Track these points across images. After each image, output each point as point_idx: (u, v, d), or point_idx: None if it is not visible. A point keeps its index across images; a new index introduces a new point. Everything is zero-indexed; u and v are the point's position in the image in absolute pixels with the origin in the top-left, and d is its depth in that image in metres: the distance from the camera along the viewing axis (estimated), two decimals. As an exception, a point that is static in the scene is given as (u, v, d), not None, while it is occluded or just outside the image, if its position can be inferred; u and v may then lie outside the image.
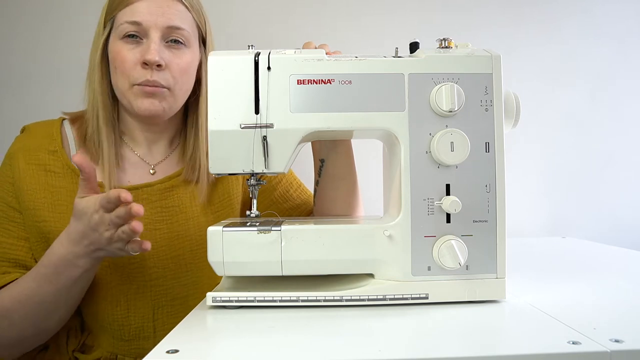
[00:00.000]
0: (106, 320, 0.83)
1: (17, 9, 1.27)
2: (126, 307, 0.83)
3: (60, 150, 0.83)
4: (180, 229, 0.86)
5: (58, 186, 0.82)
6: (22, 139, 0.85)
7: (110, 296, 0.82)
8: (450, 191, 0.64)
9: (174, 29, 0.79)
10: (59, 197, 0.81)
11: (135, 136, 0.88)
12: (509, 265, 0.64)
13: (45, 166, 0.82)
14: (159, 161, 0.89)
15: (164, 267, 0.84)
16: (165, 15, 0.78)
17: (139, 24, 0.78)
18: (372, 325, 0.57)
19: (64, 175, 0.82)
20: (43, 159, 0.82)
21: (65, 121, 0.87)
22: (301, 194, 0.97)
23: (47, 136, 0.84)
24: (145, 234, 0.83)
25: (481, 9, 1.36)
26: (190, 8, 0.82)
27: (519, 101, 0.67)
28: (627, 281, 0.77)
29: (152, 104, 0.80)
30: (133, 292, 0.83)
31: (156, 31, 0.78)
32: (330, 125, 0.65)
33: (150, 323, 0.84)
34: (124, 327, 0.83)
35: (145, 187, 0.85)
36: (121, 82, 0.80)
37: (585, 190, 1.40)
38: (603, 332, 0.52)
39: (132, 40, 0.79)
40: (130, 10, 0.78)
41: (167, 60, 0.79)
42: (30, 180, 0.81)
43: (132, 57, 0.78)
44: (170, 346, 0.49)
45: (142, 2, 0.78)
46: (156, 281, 0.84)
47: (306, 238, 0.64)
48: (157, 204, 0.85)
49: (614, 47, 1.39)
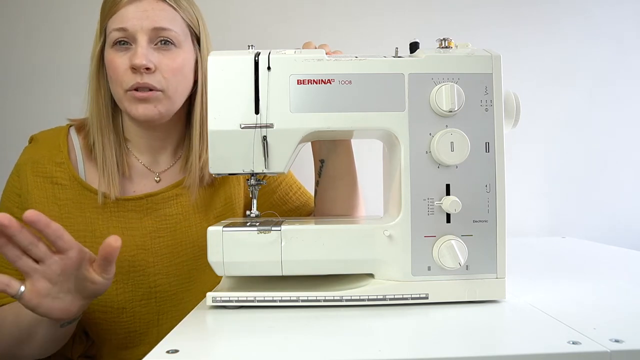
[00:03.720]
0: (111, 328, 0.83)
1: (17, 9, 1.27)
2: (131, 314, 0.83)
3: (67, 161, 0.83)
4: (182, 237, 0.86)
5: (64, 198, 0.82)
6: (29, 150, 0.85)
7: (116, 303, 0.82)
8: (450, 191, 0.64)
9: (160, 30, 0.79)
10: (66, 210, 0.82)
11: (139, 145, 0.88)
12: (509, 265, 0.64)
13: (52, 178, 0.82)
14: (164, 169, 0.89)
15: (167, 273, 0.85)
16: (150, 17, 0.78)
17: (126, 30, 0.78)
18: (372, 325, 0.57)
19: (70, 187, 0.82)
20: (50, 171, 0.82)
21: (71, 129, 0.87)
22: (300, 196, 0.97)
23: (54, 147, 0.84)
24: (149, 242, 0.84)
25: (481, 9, 1.36)
26: (178, 8, 0.81)
27: (519, 101, 0.67)
28: (627, 281, 0.77)
29: (147, 109, 0.79)
30: (138, 299, 0.84)
31: (142, 35, 0.78)
32: (330, 125, 0.65)
33: (154, 329, 0.85)
34: (129, 333, 0.83)
35: (149, 197, 0.85)
36: (115, 89, 0.81)
37: (585, 190, 1.40)
38: (603, 332, 0.52)
39: (122, 47, 0.79)
40: (117, 17, 0.78)
41: (157, 62, 0.79)
42: (38, 193, 0.81)
43: (122, 63, 0.79)
44: (170, 346, 0.49)
45: (127, 7, 0.78)
46: (161, 287, 0.84)
47: (306, 238, 0.64)
48: (160, 213, 0.85)
49: (613, 48, 1.39)
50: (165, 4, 0.80)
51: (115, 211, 0.83)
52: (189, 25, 0.84)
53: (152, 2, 0.79)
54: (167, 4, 0.80)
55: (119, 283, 0.82)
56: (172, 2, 0.81)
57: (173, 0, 0.81)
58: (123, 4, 0.78)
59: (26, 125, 0.87)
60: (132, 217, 0.84)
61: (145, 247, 0.83)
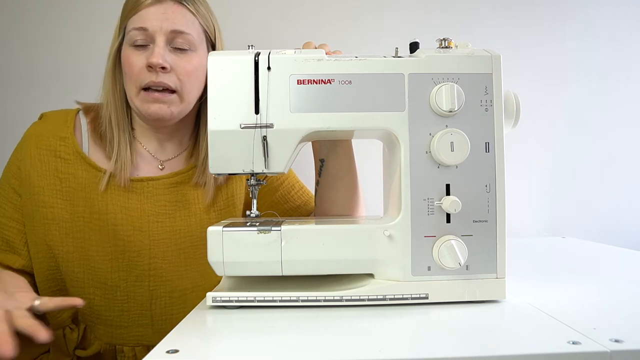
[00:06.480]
0: (105, 306, 0.84)
1: (17, 9, 1.27)
2: (125, 294, 0.85)
3: (71, 136, 0.85)
4: (182, 224, 0.87)
5: (66, 172, 0.84)
6: (36, 124, 0.88)
7: (110, 281, 0.84)
8: (450, 191, 0.64)
9: (178, 33, 0.81)
10: (67, 184, 0.83)
11: (147, 136, 0.89)
12: (509, 265, 0.64)
13: (55, 152, 0.84)
14: (169, 158, 0.91)
15: (163, 258, 0.86)
16: (170, 20, 0.80)
17: (146, 30, 0.80)
18: (372, 325, 0.57)
19: (73, 161, 0.84)
20: (53, 144, 0.84)
21: (80, 111, 0.89)
22: (302, 195, 0.97)
23: (60, 122, 0.86)
24: (147, 225, 0.85)
25: (481, 9, 1.36)
26: (196, 13, 0.84)
27: (519, 101, 0.67)
28: (627, 281, 0.77)
29: (161, 108, 0.81)
30: (132, 280, 0.85)
31: (161, 35, 0.80)
32: (330, 125, 0.65)
33: (147, 312, 0.86)
34: (123, 312, 0.85)
35: (151, 180, 0.87)
36: (129, 87, 0.82)
37: (585, 190, 1.40)
38: (603, 332, 0.52)
39: (140, 47, 0.81)
40: (138, 17, 0.80)
41: (172, 63, 0.81)
42: (40, 166, 0.83)
43: (138, 62, 0.80)
44: (170, 346, 0.50)
45: (149, 8, 0.80)
46: (155, 271, 0.85)
47: (306, 238, 0.64)
48: (161, 198, 0.87)
49: (613, 48, 1.39)
50: (185, 8, 0.82)
51: (116, 190, 0.84)
52: (205, 30, 0.86)
53: (173, 5, 0.81)
54: (187, 8, 0.83)
55: (113, 261, 0.84)
56: (192, 7, 0.83)
57: (192, 6, 0.83)
58: (145, 5, 0.80)
59: (26, 125, 0.87)
60: (132, 197, 0.85)
61: (142, 229, 0.85)
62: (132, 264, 0.84)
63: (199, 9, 0.85)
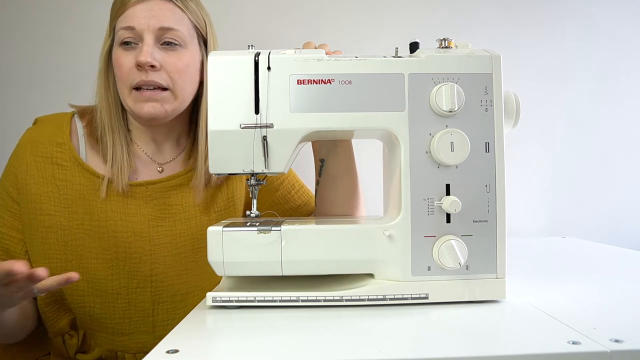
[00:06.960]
0: (105, 314, 0.83)
1: (17, 9, 1.27)
2: (127, 301, 0.84)
3: (67, 142, 0.84)
4: (182, 227, 0.86)
5: (64, 179, 0.82)
6: (31, 130, 0.87)
7: (110, 289, 0.83)
8: (450, 191, 0.64)
9: (166, 29, 0.80)
10: (65, 192, 0.82)
11: (143, 137, 0.88)
12: (509, 265, 0.64)
13: (52, 159, 0.83)
14: (167, 161, 0.90)
15: (165, 263, 0.85)
16: (157, 17, 0.79)
17: (133, 29, 0.79)
18: (372, 325, 0.57)
19: (70, 168, 0.83)
20: (50, 151, 0.83)
21: (75, 114, 0.88)
22: (302, 195, 0.97)
23: (56, 128, 0.85)
24: (147, 231, 0.84)
25: (481, 9, 1.35)
26: (185, 9, 0.82)
27: (519, 101, 0.67)
28: (627, 281, 0.77)
29: (154, 107, 0.80)
30: (134, 286, 0.84)
31: (149, 33, 0.79)
32: (330, 125, 0.65)
33: (149, 318, 0.85)
34: (124, 320, 0.84)
35: (149, 184, 0.86)
36: (121, 87, 0.82)
37: (585, 190, 1.40)
38: (603, 332, 0.52)
39: (128, 47, 0.80)
40: (125, 17, 0.79)
41: (162, 61, 0.80)
42: (37, 173, 0.82)
43: (128, 61, 0.79)
44: (170, 346, 0.49)
45: (135, 6, 0.79)
46: (157, 277, 0.84)
47: (306, 238, 0.64)
48: (160, 201, 0.86)
49: (613, 48, 1.39)
50: (172, 4, 0.81)
51: (115, 196, 0.83)
52: (195, 26, 0.85)
53: (160, 2, 0.80)
54: (175, 4, 0.81)
55: (114, 268, 0.83)
56: (180, 3, 0.82)
57: (180, 2, 0.82)
58: (131, 4, 0.79)
59: (26, 125, 0.87)
60: (131, 203, 0.84)
61: (143, 234, 0.84)
62: (134, 271, 0.83)
63: (188, 4, 0.83)
